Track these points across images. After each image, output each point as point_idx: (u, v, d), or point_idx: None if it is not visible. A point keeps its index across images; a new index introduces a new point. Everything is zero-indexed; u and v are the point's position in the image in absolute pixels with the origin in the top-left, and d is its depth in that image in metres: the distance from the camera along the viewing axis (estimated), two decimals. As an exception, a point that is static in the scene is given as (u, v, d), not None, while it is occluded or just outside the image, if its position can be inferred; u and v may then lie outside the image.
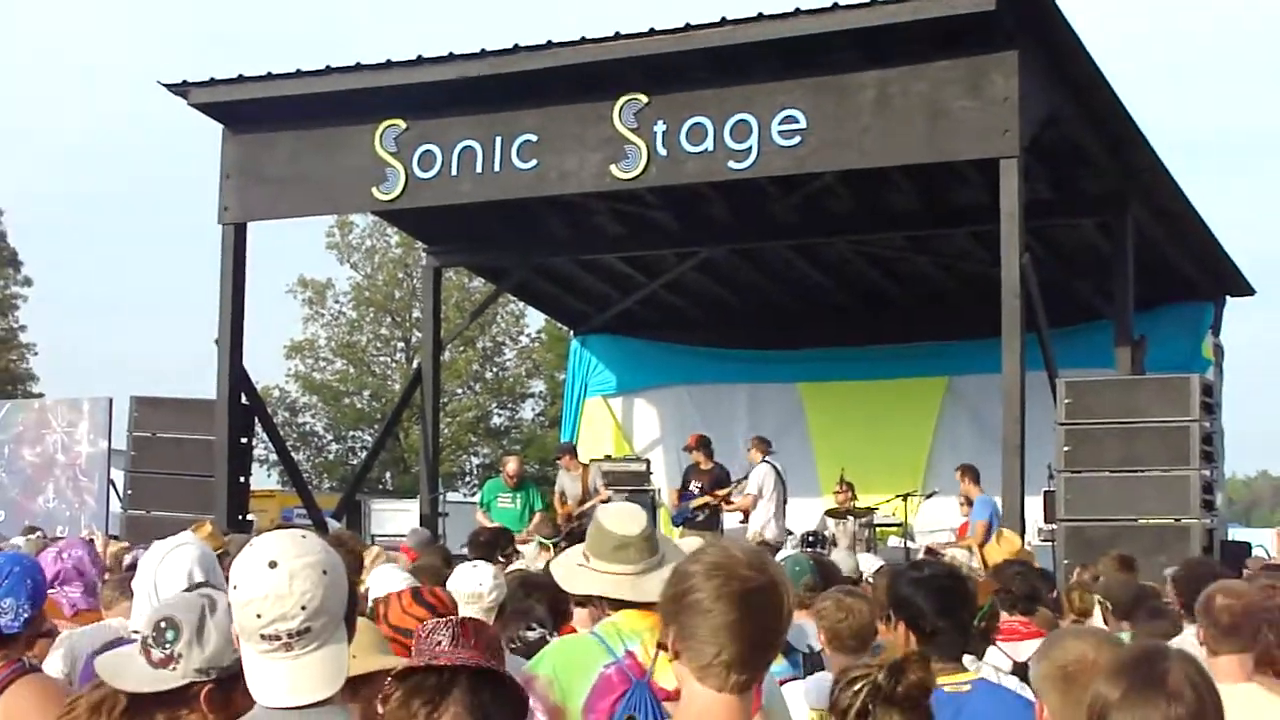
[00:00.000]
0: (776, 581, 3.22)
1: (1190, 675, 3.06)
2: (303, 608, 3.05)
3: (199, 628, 3.35)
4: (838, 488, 18.49)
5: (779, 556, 9.58)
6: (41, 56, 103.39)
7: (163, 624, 3.39)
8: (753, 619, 3.14)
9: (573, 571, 4.99)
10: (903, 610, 5.06)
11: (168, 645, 3.35)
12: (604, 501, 17.80)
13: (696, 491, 17.85)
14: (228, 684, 3.38)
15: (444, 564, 9.04)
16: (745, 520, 17.79)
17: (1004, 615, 7.56)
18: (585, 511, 18.08)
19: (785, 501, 17.67)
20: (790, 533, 17.80)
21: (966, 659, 5.20)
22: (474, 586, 6.17)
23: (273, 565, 3.07)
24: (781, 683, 5.92)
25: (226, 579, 3.23)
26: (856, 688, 3.52)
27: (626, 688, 4.56)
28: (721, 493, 17.86)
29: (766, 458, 17.67)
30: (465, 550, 12.09)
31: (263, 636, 3.05)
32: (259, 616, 3.04)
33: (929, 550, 16.16)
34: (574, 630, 5.73)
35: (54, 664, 6.36)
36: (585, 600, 5.17)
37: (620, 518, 4.95)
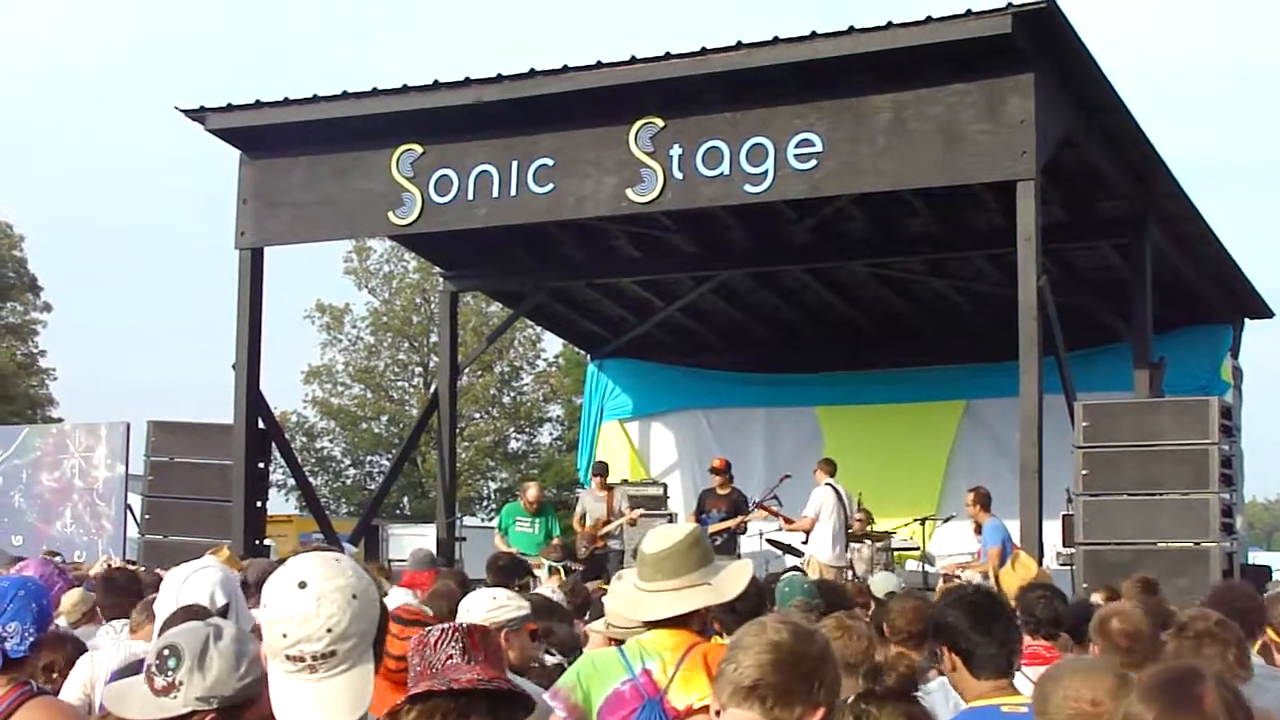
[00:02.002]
0: (812, 632, 3.40)
1: (1226, 699, 3.02)
2: (328, 630, 3.05)
3: (201, 655, 3.33)
4: (855, 513, 18.41)
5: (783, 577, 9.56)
6: (61, 81, 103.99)
7: (165, 651, 3.38)
8: (782, 654, 3.28)
9: (618, 583, 5.05)
10: (941, 634, 5.08)
11: (169, 672, 3.33)
12: (630, 524, 17.80)
13: (714, 515, 17.76)
14: (230, 714, 3.36)
15: (459, 587, 9.00)
16: (806, 542, 17.57)
17: (1027, 640, 7.50)
18: (610, 534, 18.07)
19: (848, 525, 17.45)
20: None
21: None
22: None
23: (302, 586, 3.07)
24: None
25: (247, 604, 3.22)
26: (849, 700, 3.64)
27: (638, 704, 4.58)
28: (740, 519, 17.77)
29: (829, 480, 17.45)
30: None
31: (288, 657, 3.05)
32: (285, 636, 3.05)
33: (946, 575, 16.10)
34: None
35: (74, 686, 6.36)
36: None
37: (655, 534, 4.97)
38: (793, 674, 3.28)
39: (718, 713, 3.34)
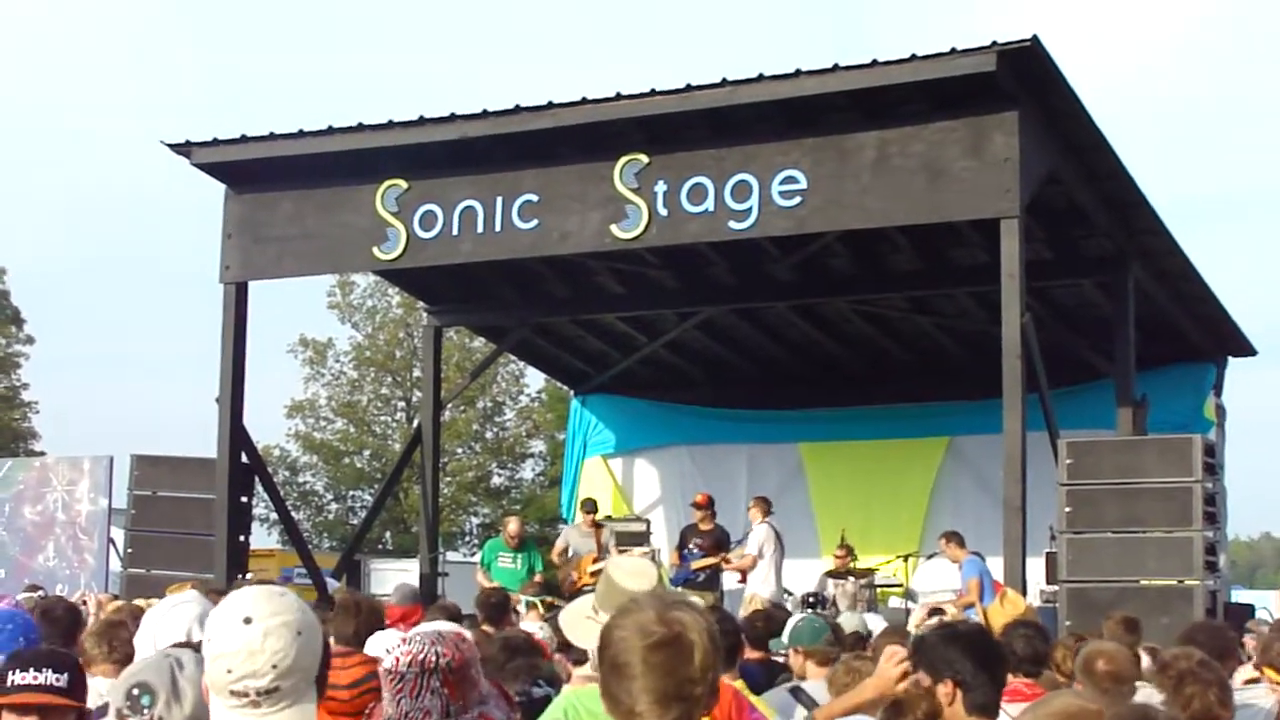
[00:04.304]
0: (681, 633, 3.27)
1: None
2: (274, 666, 3.03)
3: (172, 686, 3.32)
4: (838, 550, 18.45)
5: (794, 619, 9.59)
6: (45, 116, 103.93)
7: (135, 690, 3.35)
8: (661, 669, 3.22)
9: (579, 623, 4.99)
10: (946, 668, 5.08)
11: (145, 710, 3.31)
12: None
13: (696, 552, 17.81)
14: None
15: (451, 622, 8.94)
16: (743, 580, 17.79)
17: (1009, 677, 7.48)
18: (599, 571, 18.00)
19: (782, 561, 17.73)
20: (789, 593, 17.78)
21: None
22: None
23: (247, 621, 3.05)
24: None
25: None
26: None
27: None
28: (722, 555, 17.86)
29: (767, 518, 17.71)
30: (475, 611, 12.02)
31: (232, 692, 3.03)
32: (229, 672, 3.02)
33: (931, 610, 16.07)
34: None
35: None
36: (582, 659, 5.15)
37: (630, 573, 4.96)
38: (680, 681, 3.24)
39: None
